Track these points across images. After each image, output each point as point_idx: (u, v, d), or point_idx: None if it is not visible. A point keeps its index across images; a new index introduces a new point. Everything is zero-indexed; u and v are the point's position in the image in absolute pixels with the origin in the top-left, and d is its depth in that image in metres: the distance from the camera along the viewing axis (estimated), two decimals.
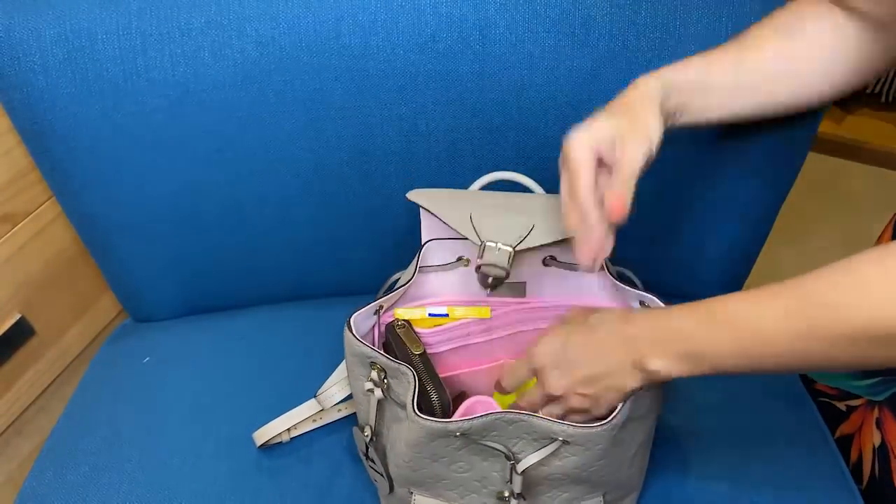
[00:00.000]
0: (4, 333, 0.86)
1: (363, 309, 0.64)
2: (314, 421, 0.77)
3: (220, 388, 0.82)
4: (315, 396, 0.73)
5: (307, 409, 0.74)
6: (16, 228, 0.85)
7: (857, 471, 0.74)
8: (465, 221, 0.63)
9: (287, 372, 0.83)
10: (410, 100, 0.76)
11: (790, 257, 1.61)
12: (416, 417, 0.55)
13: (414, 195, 0.69)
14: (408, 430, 0.57)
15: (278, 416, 0.75)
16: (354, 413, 0.78)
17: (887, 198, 1.80)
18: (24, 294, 0.88)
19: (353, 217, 0.85)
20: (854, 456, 0.75)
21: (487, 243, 0.62)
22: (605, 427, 0.53)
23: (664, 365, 0.49)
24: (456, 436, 0.55)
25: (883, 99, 1.92)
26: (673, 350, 0.49)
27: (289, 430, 0.76)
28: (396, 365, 0.58)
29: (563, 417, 0.57)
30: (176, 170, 0.79)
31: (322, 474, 0.74)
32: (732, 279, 0.93)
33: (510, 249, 0.61)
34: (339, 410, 0.78)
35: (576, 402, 0.55)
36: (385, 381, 0.60)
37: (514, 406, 0.60)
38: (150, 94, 0.74)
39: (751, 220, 0.85)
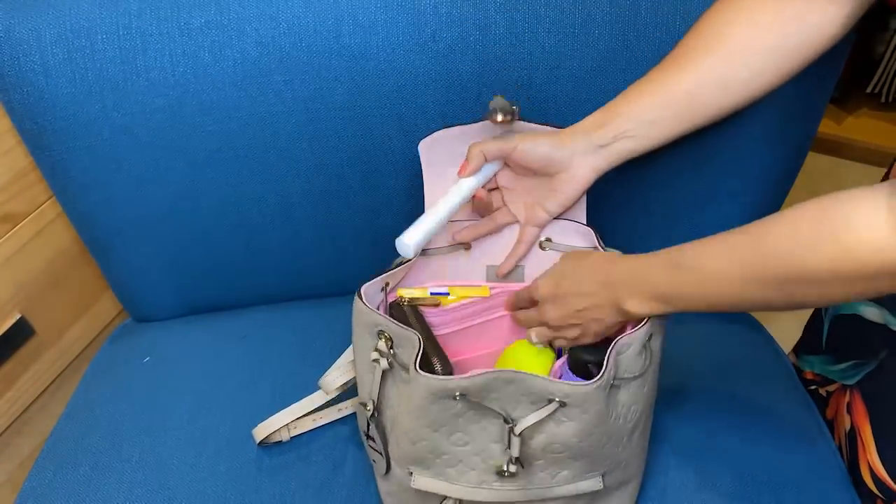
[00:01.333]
0: (4, 333, 0.86)
1: (372, 281, 0.65)
2: (314, 420, 0.77)
3: (220, 387, 0.82)
4: (318, 383, 0.73)
5: (307, 403, 0.74)
6: (16, 228, 0.86)
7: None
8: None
9: (287, 372, 0.83)
10: (410, 100, 0.76)
11: None
12: (418, 375, 0.56)
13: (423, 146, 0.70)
14: (409, 394, 0.58)
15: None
16: (354, 413, 0.78)
17: None
18: (24, 294, 0.88)
19: (353, 217, 0.85)
20: (836, 441, 0.76)
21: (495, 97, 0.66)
22: (597, 384, 0.55)
23: (638, 305, 0.58)
24: (455, 398, 0.56)
25: (883, 99, 1.92)
26: (646, 293, 0.57)
27: (289, 428, 0.76)
28: (403, 331, 0.59)
29: (552, 341, 0.67)
30: (176, 170, 0.79)
31: (322, 473, 0.74)
32: None
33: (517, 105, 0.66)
34: (340, 410, 0.78)
35: (568, 331, 0.64)
36: (392, 350, 0.61)
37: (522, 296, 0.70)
38: (150, 94, 0.74)
39: (751, 220, 0.85)
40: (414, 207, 0.84)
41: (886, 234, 0.43)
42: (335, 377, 0.71)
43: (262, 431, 0.74)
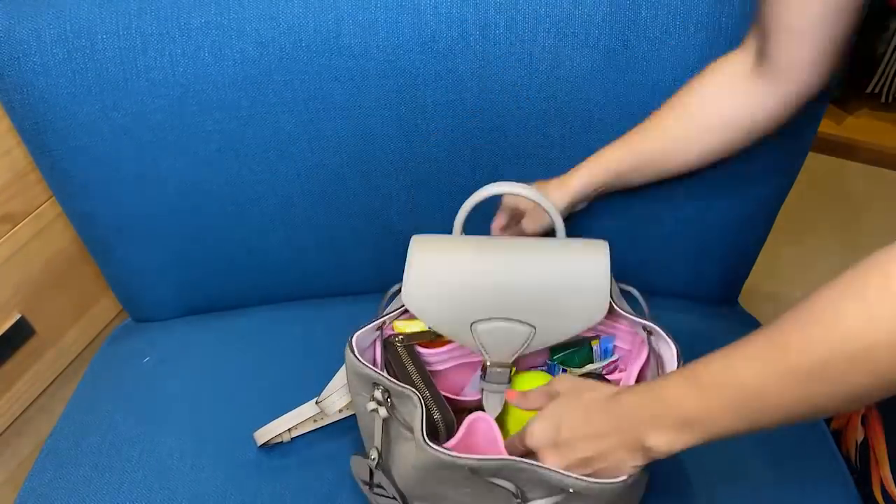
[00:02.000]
0: (4, 333, 0.86)
1: (365, 327, 0.62)
2: (315, 422, 0.77)
3: (220, 387, 0.82)
4: (317, 402, 0.72)
5: (308, 409, 0.74)
6: (16, 228, 0.86)
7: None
8: (466, 332, 0.61)
9: (287, 372, 0.83)
10: (410, 100, 0.76)
11: (790, 257, 1.61)
12: (426, 447, 0.53)
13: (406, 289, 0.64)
14: (416, 454, 0.56)
15: (278, 415, 0.75)
16: (355, 414, 0.78)
17: (887, 198, 1.80)
18: (24, 294, 0.88)
19: (353, 217, 0.85)
20: (843, 450, 0.75)
21: (489, 367, 0.63)
22: (618, 484, 0.51)
23: (663, 440, 0.48)
24: (464, 469, 0.54)
25: (883, 99, 1.92)
26: (668, 422, 0.48)
27: (289, 430, 0.76)
28: (401, 389, 0.57)
29: None
30: (176, 170, 0.79)
31: (322, 474, 0.74)
32: (733, 279, 0.93)
33: (509, 369, 0.63)
34: (340, 411, 0.78)
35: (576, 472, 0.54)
36: (389, 400, 0.58)
37: (516, 446, 0.57)
38: (150, 94, 0.74)
39: (751, 220, 0.85)
40: (414, 207, 0.84)
41: None
42: (335, 400, 0.70)
43: (262, 436, 0.74)
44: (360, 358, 0.59)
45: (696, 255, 0.88)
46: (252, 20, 0.72)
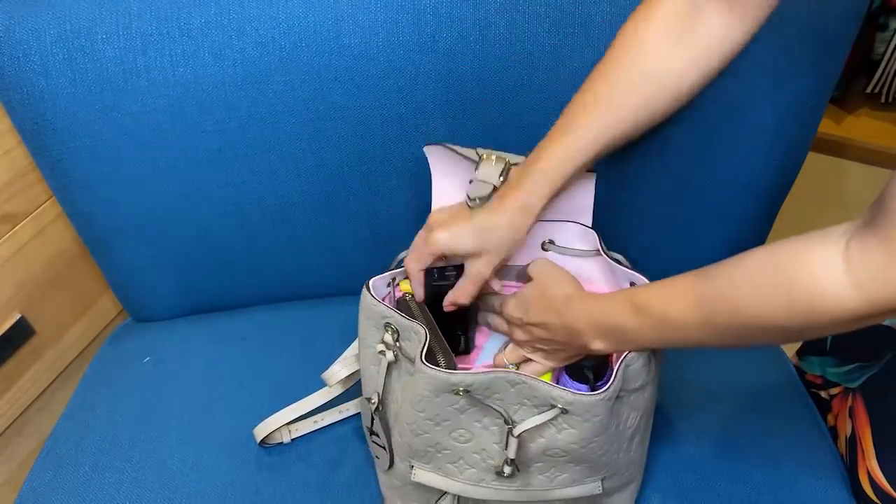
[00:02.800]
0: (4, 333, 0.86)
1: (380, 276, 0.66)
2: (315, 422, 0.77)
3: (220, 387, 0.82)
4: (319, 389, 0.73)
5: (307, 402, 0.74)
6: (16, 228, 0.86)
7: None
8: (471, 150, 0.66)
9: (287, 372, 0.83)
10: (410, 100, 0.76)
11: None
12: (424, 367, 0.57)
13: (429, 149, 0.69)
14: (413, 385, 0.58)
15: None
16: (357, 413, 0.78)
17: None
18: (24, 294, 0.88)
19: (353, 217, 0.85)
20: (838, 447, 0.76)
21: (484, 154, 0.65)
22: (602, 396, 0.55)
23: (602, 346, 0.59)
24: (458, 393, 0.57)
25: (882, 99, 1.92)
26: (608, 336, 0.58)
27: (290, 430, 0.76)
28: (410, 323, 0.60)
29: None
30: (176, 170, 0.79)
31: (322, 474, 0.74)
32: None
33: (504, 162, 0.64)
34: (341, 412, 0.78)
35: (536, 354, 0.67)
36: (398, 342, 0.61)
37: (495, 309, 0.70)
38: (150, 94, 0.74)
39: (751, 220, 0.85)
40: (414, 207, 0.84)
41: (842, 287, 0.42)
42: (338, 369, 0.72)
43: (262, 430, 0.74)
44: (376, 297, 0.63)
45: (694, 254, 0.88)
46: (252, 20, 0.72)
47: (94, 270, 0.93)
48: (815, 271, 0.44)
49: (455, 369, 0.62)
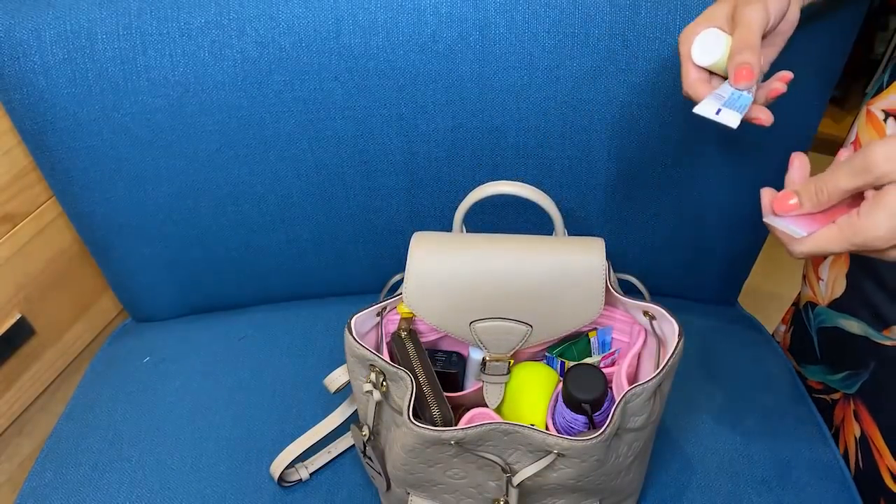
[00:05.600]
0: (4, 333, 0.86)
1: (365, 310, 0.63)
2: (329, 453, 0.75)
3: (220, 387, 0.82)
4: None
5: (318, 430, 0.73)
6: (16, 228, 0.85)
7: (845, 462, 0.75)
8: (465, 330, 0.63)
9: (287, 372, 0.83)
10: (410, 100, 0.76)
11: (790, 257, 1.60)
12: (411, 425, 0.56)
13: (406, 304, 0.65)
14: (403, 435, 0.57)
15: (278, 416, 0.75)
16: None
17: None
18: (24, 294, 0.88)
19: (353, 217, 0.85)
20: (842, 448, 0.76)
21: (489, 361, 0.65)
22: (597, 440, 0.54)
23: None
24: (451, 444, 0.56)
25: None
26: None
27: (307, 466, 0.74)
28: (395, 370, 0.58)
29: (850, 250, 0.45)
30: (176, 170, 0.79)
31: (323, 473, 0.74)
32: (733, 279, 0.93)
33: (507, 362, 0.65)
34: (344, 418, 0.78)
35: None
36: (384, 384, 0.60)
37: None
38: (150, 94, 0.74)
39: (751, 221, 0.85)
40: (413, 207, 0.84)
41: None
42: (338, 376, 0.70)
43: (278, 466, 0.71)
44: (358, 339, 0.61)
45: (695, 255, 0.89)
46: (252, 20, 0.72)
47: (94, 270, 0.93)
48: None
49: (450, 420, 0.61)
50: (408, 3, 0.72)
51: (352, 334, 0.61)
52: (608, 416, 0.55)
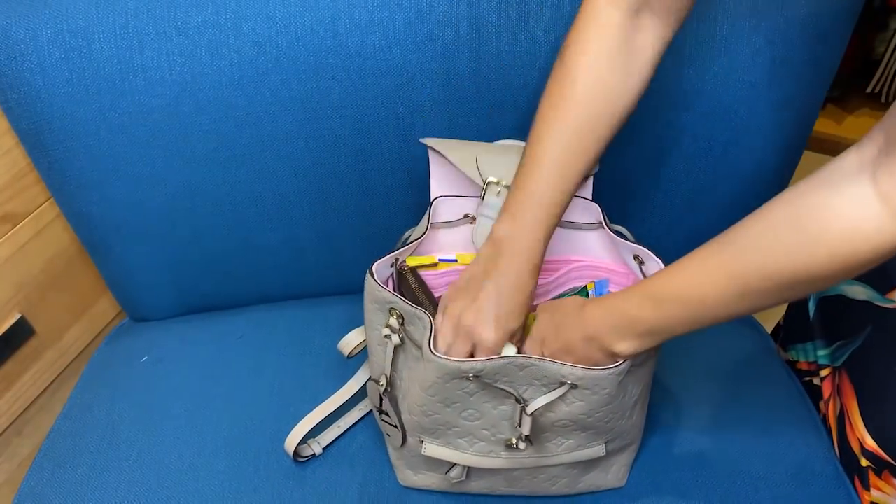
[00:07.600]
0: (4, 333, 0.86)
1: (383, 259, 0.66)
2: (339, 427, 0.77)
3: (218, 387, 0.82)
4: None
5: (329, 404, 0.74)
6: (16, 228, 0.86)
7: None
8: (471, 162, 0.66)
9: (285, 371, 0.83)
10: (407, 99, 0.76)
11: None
12: (433, 356, 0.57)
13: (427, 141, 0.71)
14: (423, 371, 0.59)
15: (276, 415, 0.75)
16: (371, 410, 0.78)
17: None
18: (24, 294, 0.89)
19: (350, 216, 0.85)
20: (830, 426, 0.77)
21: (490, 180, 0.66)
22: (611, 371, 0.57)
23: (626, 346, 0.56)
24: (469, 378, 0.58)
25: (883, 99, 1.92)
26: (630, 333, 0.56)
27: (318, 442, 0.75)
28: (414, 310, 0.60)
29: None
30: (173, 169, 0.79)
31: (322, 474, 0.74)
32: None
33: (504, 188, 0.66)
34: (360, 409, 0.78)
35: None
36: (403, 326, 0.62)
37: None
38: (147, 93, 0.74)
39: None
40: (411, 206, 0.85)
41: (881, 219, 0.42)
42: (353, 338, 0.72)
43: (292, 441, 0.73)
44: (380, 283, 0.63)
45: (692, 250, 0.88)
46: (249, 19, 0.72)
47: (93, 270, 0.93)
48: (847, 212, 0.43)
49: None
50: (404, 2, 0.72)
51: (374, 278, 0.63)
52: None
